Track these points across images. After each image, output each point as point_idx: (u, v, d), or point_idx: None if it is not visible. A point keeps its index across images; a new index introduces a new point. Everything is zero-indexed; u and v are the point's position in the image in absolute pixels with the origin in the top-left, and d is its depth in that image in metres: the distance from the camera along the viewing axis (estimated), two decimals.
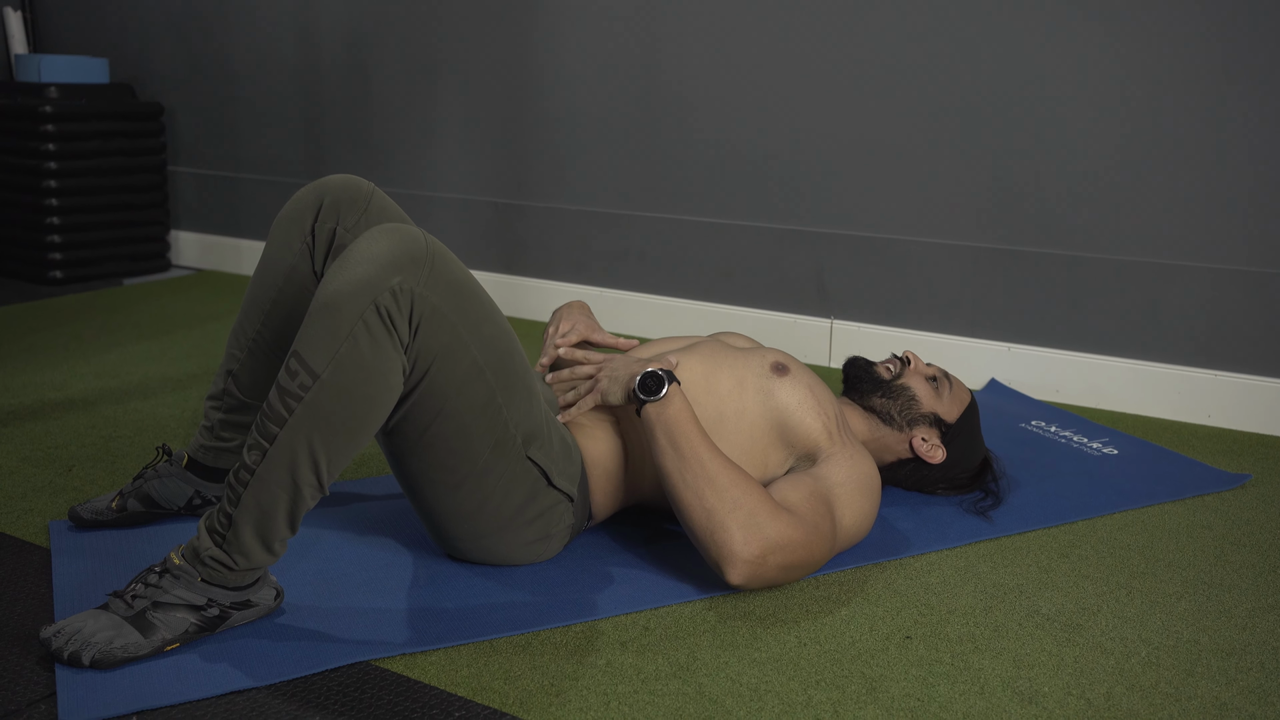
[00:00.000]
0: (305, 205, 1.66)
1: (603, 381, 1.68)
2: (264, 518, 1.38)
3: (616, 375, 1.67)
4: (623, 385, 1.65)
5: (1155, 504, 2.00)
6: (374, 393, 1.37)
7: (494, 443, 1.50)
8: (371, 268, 1.35)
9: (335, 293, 1.34)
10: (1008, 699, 1.36)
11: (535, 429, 1.54)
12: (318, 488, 1.39)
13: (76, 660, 1.34)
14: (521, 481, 1.54)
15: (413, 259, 1.37)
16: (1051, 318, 2.63)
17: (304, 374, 1.34)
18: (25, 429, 2.21)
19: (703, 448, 1.58)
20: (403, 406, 1.44)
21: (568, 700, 1.33)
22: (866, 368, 1.93)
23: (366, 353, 1.34)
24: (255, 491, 1.36)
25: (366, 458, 2.12)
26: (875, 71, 2.74)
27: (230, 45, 3.78)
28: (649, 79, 3.04)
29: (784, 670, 1.41)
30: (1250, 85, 2.36)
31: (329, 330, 1.34)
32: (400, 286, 1.35)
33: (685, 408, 1.60)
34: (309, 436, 1.35)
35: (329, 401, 1.34)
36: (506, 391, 1.49)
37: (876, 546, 1.77)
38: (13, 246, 3.66)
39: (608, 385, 1.67)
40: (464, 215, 3.41)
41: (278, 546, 1.41)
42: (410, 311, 1.37)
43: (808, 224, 2.89)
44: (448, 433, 1.47)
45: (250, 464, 1.36)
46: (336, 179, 1.67)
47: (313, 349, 1.34)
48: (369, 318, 1.34)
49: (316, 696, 1.32)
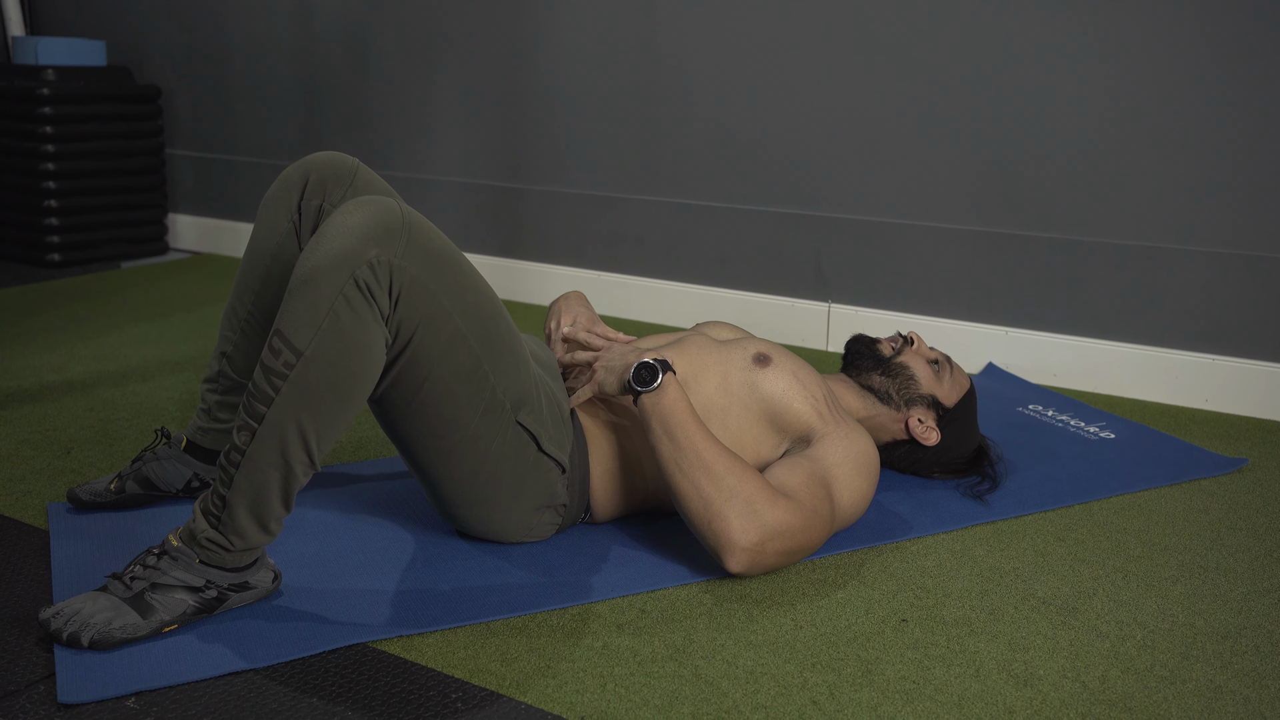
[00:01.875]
0: (291, 183, 1.66)
1: (599, 372, 1.68)
2: (257, 497, 1.38)
3: (612, 365, 1.67)
4: (618, 375, 1.65)
5: (1152, 488, 2.00)
6: (358, 366, 1.37)
7: (483, 408, 1.50)
8: (348, 241, 1.35)
9: (313, 268, 1.34)
10: (1003, 681, 1.37)
11: (524, 394, 1.54)
12: (309, 464, 1.39)
13: (75, 641, 1.35)
14: (512, 446, 1.54)
15: (389, 230, 1.37)
16: (1049, 302, 2.63)
17: (287, 352, 1.34)
18: (24, 411, 2.21)
19: (698, 436, 1.58)
20: (388, 376, 1.44)
21: (564, 682, 1.34)
22: (869, 344, 1.94)
23: (348, 326, 1.35)
24: (247, 472, 1.37)
25: (365, 440, 2.12)
26: (873, 56, 2.73)
27: (228, 28, 3.77)
28: (647, 63, 3.03)
29: (780, 653, 1.42)
30: (1249, 68, 2.35)
31: (309, 306, 1.34)
32: (378, 259, 1.35)
33: (680, 397, 1.61)
34: (296, 414, 1.35)
35: (314, 378, 1.35)
36: (493, 357, 1.49)
37: (873, 530, 1.78)
38: (10, 229, 3.66)
39: (604, 375, 1.67)
40: (462, 198, 3.40)
41: (273, 525, 1.42)
42: (389, 283, 1.37)
43: (806, 208, 2.89)
44: (435, 399, 1.47)
45: (240, 445, 1.37)
46: (321, 156, 1.67)
47: (294, 326, 1.34)
48: (348, 291, 1.34)
49: (314, 678, 1.32)
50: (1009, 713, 1.31)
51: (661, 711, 1.28)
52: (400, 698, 1.29)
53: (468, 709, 1.28)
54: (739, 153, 2.95)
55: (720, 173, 2.99)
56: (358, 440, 2.12)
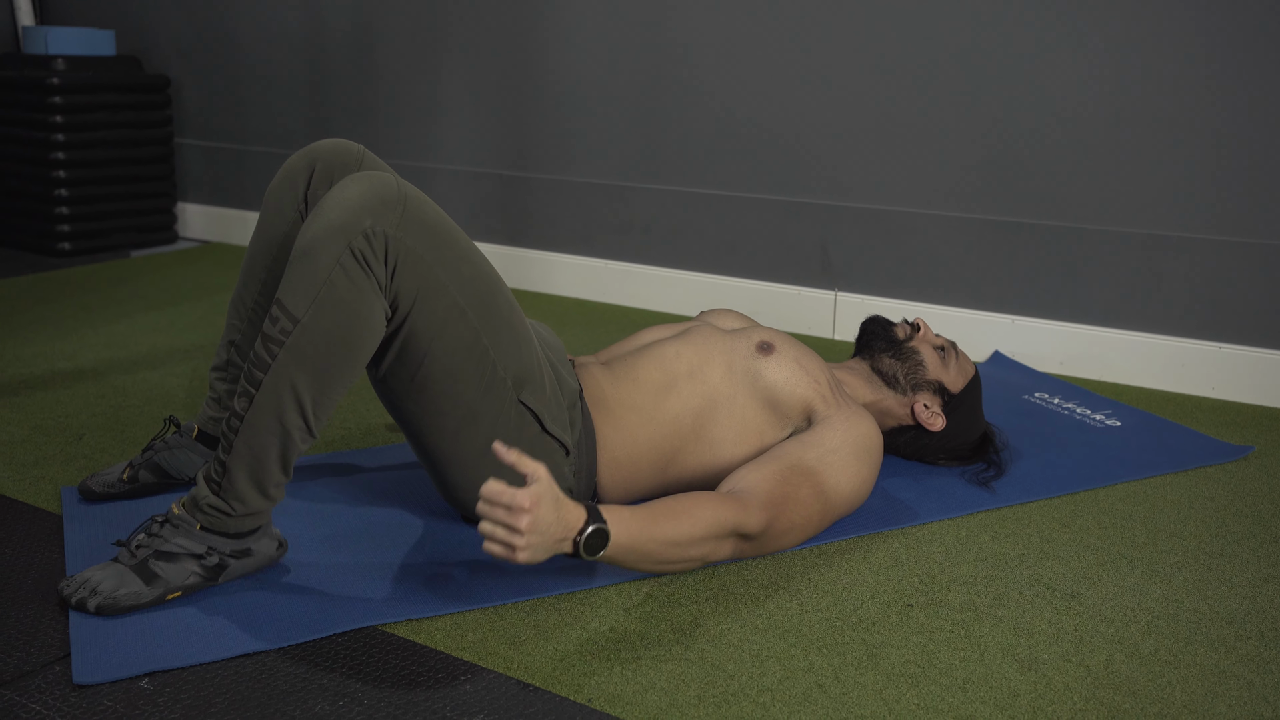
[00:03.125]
0: (297, 172, 1.67)
1: (523, 554, 1.33)
2: (256, 463, 1.41)
3: (540, 545, 1.35)
4: (549, 553, 1.37)
5: (1157, 475, 2.01)
6: (354, 334, 1.39)
7: (484, 385, 1.51)
8: (344, 213, 1.37)
9: (311, 239, 1.37)
10: (1007, 666, 1.38)
11: (526, 372, 1.55)
12: (306, 430, 1.42)
13: (83, 606, 1.39)
14: (514, 425, 1.55)
15: (384, 202, 1.39)
16: (1055, 290, 2.63)
17: (285, 319, 1.37)
18: (36, 398, 2.23)
19: (661, 540, 1.45)
20: (389, 351, 1.46)
21: (572, 665, 1.35)
22: (885, 325, 1.96)
23: (344, 294, 1.37)
24: (246, 437, 1.40)
25: (374, 426, 2.13)
26: (879, 44, 2.73)
27: (236, 17, 3.78)
28: (654, 52, 3.03)
29: (786, 637, 1.43)
30: (1253, 56, 2.35)
31: (307, 275, 1.37)
32: (373, 229, 1.37)
33: (623, 533, 1.41)
34: (292, 379, 1.38)
35: (310, 344, 1.37)
36: (491, 332, 1.50)
37: (879, 516, 1.79)
38: (21, 219, 3.67)
39: (530, 556, 1.34)
40: (469, 187, 3.41)
41: (273, 491, 1.45)
42: (385, 253, 1.39)
43: (812, 196, 2.89)
44: (436, 374, 1.48)
45: (240, 411, 1.40)
46: (327, 143, 1.68)
47: (293, 294, 1.37)
48: (345, 260, 1.36)
49: (325, 659, 1.34)
50: (1013, 696, 1.32)
51: (668, 694, 1.30)
52: (410, 680, 1.31)
53: (476, 691, 1.29)
54: (745, 141, 2.95)
55: (727, 161, 2.99)
56: (368, 427, 2.14)
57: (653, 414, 1.70)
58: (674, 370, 1.72)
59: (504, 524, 1.31)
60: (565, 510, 1.35)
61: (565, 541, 1.36)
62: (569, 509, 1.36)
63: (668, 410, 1.70)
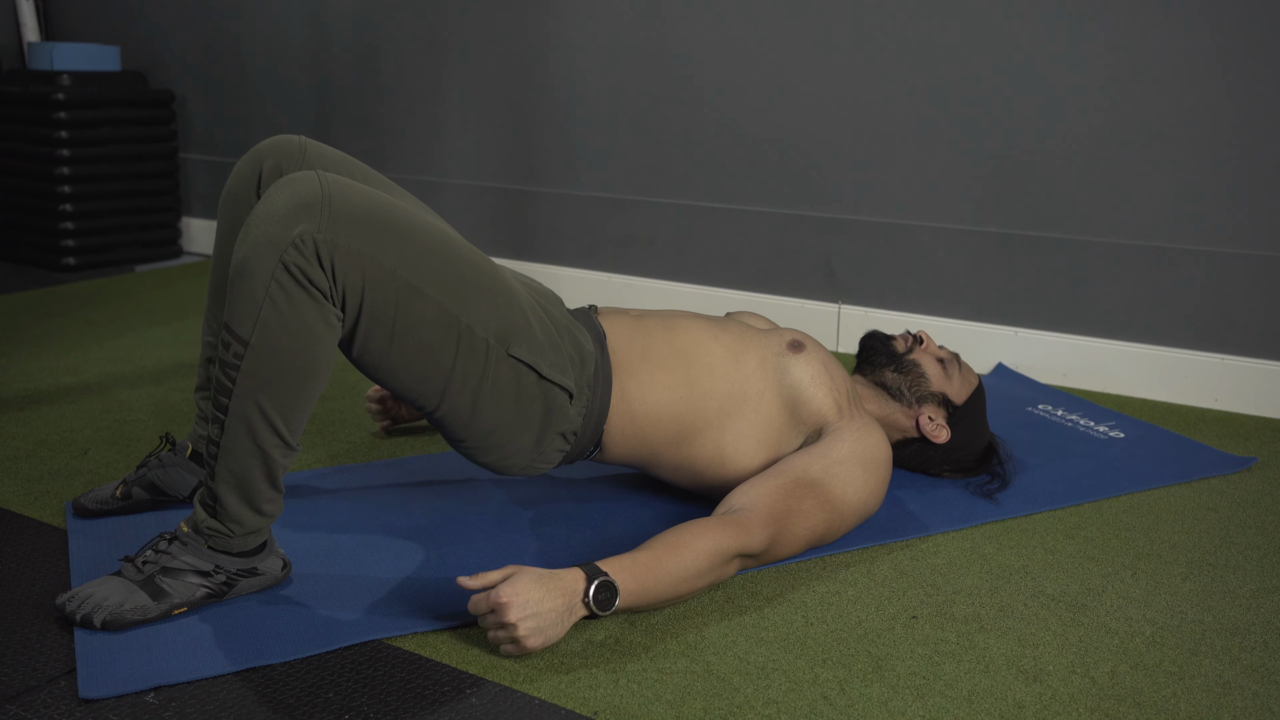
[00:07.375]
0: (245, 178, 1.65)
1: (533, 640, 1.37)
2: (241, 485, 1.42)
3: (545, 625, 1.38)
4: (564, 626, 1.40)
5: (1161, 486, 2.01)
6: (304, 346, 1.38)
7: (465, 350, 1.48)
8: (269, 226, 1.35)
9: (244, 259, 1.36)
10: (1012, 677, 1.38)
11: (509, 326, 1.51)
12: (284, 446, 1.42)
13: (89, 622, 1.39)
14: (509, 380, 1.53)
15: (307, 206, 1.36)
16: (1058, 302, 2.64)
17: (235, 343, 1.37)
18: (41, 413, 2.23)
19: (668, 579, 1.47)
20: (355, 341, 1.44)
21: (578, 678, 1.35)
22: (884, 340, 1.96)
23: (285, 310, 1.36)
24: (226, 462, 1.41)
25: (377, 441, 2.13)
26: (883, 57, 2.74)
27: (241, 32, 3.80)
28: (658, 65, 3.05)
29: (791, 649, 1.43)
30: (1255, 69, 2.36)
31: (246, 296, 1.36)
32: (301, 237, 1.34)
33: (630, 580, 1.44)
34: (256, 401, 1.38)
35: (263, 365, 1.37)
36: (457, 300, 1.46)
37: (883, 528, 1.79)
38: (26, 233, 3.69)
39: (543, 640, 1.38)
40: (474, 201, 3.42)
41: (267, 507, 1.45)
42: (318, 257, 1.36)
43: (816, 209, 2.90)
44: (411, 350, 1.46)
45: (214, 437, 1.41)
46: (268, 142, 1.66)
47: (236, 317, 1.36)
48: (279, 275, 1.34)
49: (331, 674, 1.34)
50: (1018, 708, 1.32)
51: (673, 707, 1.30)
52: (416, 693, 1.31)
53: (482, 704, 1.29)
54: (749, 154, 2.96)
55: (730, 174, 3.00)
56: (373, 444, 2.14)
57: (682, 381, 1.69)
58: (711, 349, 1.72)
59: (496, 623, 1.36)
60: (555, 581, 1.39)
61: (574, 608, 1.40)
62: (559, 579, 1.39)
63: (698, 385, 1.69)
